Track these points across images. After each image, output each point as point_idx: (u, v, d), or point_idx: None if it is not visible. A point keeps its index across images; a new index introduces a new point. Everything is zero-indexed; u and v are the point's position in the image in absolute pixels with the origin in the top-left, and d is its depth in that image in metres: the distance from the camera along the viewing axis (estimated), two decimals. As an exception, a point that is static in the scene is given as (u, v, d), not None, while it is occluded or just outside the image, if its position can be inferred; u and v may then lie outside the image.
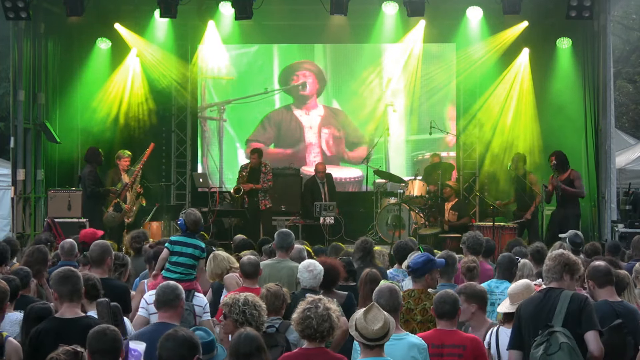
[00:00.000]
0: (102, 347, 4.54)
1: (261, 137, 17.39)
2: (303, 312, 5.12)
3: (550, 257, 5.64)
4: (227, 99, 17.44)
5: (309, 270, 7.02)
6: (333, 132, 17.44)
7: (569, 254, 5.63)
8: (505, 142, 16.27)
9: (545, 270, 5.61)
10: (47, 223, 13.36)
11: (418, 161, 17.13)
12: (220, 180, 17.38)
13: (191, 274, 7.68)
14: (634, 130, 24.43)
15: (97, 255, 7.23)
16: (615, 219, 13.93)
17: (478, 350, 5.74)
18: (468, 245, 8.65)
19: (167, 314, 5.73)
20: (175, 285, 5.88)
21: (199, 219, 7.86)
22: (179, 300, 5.74)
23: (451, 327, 5.79)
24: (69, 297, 5.48)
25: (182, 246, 7.75)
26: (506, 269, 7.61)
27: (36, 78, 15.25)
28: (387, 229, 15.01)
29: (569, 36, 15.82)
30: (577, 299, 5.40)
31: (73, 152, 15.97)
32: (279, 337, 5.95)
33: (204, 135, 17.50)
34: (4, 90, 21.33)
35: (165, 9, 14.40)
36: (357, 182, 16.96)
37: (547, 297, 5.49)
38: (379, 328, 4.87)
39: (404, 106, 17.22)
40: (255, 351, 4.91)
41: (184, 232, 7.84)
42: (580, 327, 5.33)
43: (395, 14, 15.81)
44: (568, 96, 15.64)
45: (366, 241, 8.73)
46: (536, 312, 5.48)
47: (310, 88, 17.45)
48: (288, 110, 17.54)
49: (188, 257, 7.70)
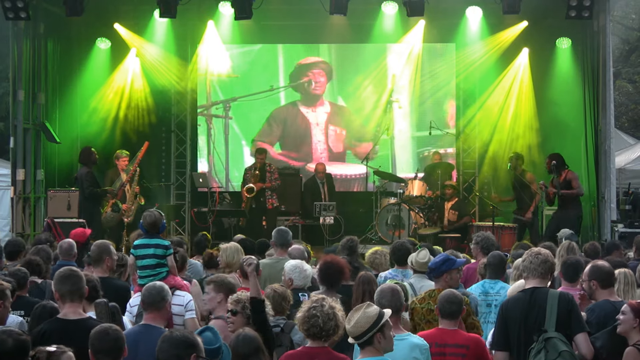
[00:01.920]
0: (105, 347, 4.52)
1: (267, 137, 17.37)
2: (308, 311, 5.08)
3: (532, 254, 5.64)
4: (232, 96, 17.43)
5: (298, 271, 7.03)
6: (339, 129, 17.44)
7: (548, 253, 5.66)
8: (505, 142, 16.28)
9: (528, 266, 5.59)
10: (46, 223, 13.36)
11: (424, 157, 17.10)
12: (226, 178, 17.38)
13: (159, 273, 7.57)
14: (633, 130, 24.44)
15: (95, 255, 7.24)
16: (615, 219, 13.92)
17: (481, 350, 5.75)
18: (482, 246, 8.58)
19: (151, 315, 5.67)
20: (161, 287, 5.79)
21: (157, 219, 7.76)
22: (164, 302, 5.66)
23: (454, 326, 5.81)
24: (70, 296, 5.44)
25: (143, 249, 7.65)
26: (498, 268, 7.58)
27: (36, 78, 15.25)
28: (387, 229, 15.02)
29: (569, 36, 15.83)
30: (565, 300, 5.41)
31: (73, 152, 15.95)
32: (283, 337, 5.95)
33: (209, 133, 17.49)
34: (3, 90, 21.34)
35: (164, 9, 14.40)
36: (363, 180, 16.91)
37: (533, 298, 5.48)
38: (350, 326, 4.86)
39: (408, 103, 17.22)
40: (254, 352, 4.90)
41: (146, 234, 7.76)
42: (569, 328, 5.34)
43: (394, 14, 15.81)
44: (568, 96, 15.65)
45: (351, 239, 8.67)
46: (524, 314, 5.47)
47: (322, 87, 17.43)
48: (294, 106, 17.52)
49: (150, 258, 7.61)
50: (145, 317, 5.74)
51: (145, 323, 5.68)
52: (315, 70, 17.40)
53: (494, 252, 7.87)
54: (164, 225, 7.95)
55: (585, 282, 6.06)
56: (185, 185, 17.44)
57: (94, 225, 12.93)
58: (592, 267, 6.10)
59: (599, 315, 5.88)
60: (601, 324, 5.78)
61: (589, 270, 6.07)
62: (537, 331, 5.32)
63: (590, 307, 6.01)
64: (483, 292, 7.39)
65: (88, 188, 13.68)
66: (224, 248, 8.36)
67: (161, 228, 7.82)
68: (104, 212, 14.07)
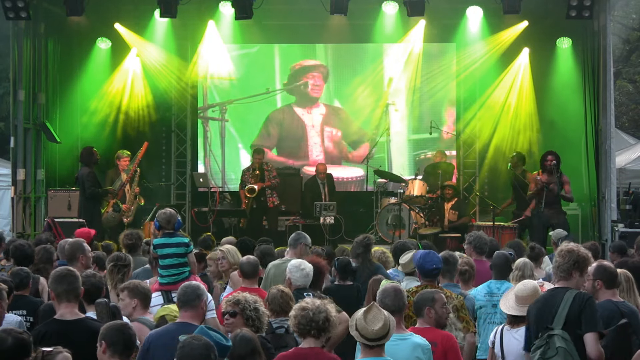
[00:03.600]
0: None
1: (265, 141, 17.31)
2: (299, 307, 5.17)
3: (559, 254, 5.53)
4: (229, 99, 17.44)
5: (300, 269, 7.05)
6: (335, 131, 17.43)
7: (579, 249, 5.53)
8: (505, 142, 16.28)
9: (555, 267, 5.53)
10: (47, 223, 13.35)
11: (420, 160, 17.11)
12: (223, 180, 17.38)
13: (182, 272, 7.61)
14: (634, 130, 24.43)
15: (69, 254, 7.41)
16: (615, 218, 13.91)
17: (449, 347, 5.76)
18: (474, 245, 8.62)
19: (187, 313, 5.63)
20: (197, 285, 5.78)
21: (171, 216, 7.79)
22: (199, 300, 5.63)
23: (426, 324, 5.85)
24: (66, 296, 5.44)
25: (164, 248, 7.69)
26: (503, 268, 7.58)
27: (36, 78, 15.25)
28: (387, 229, 15.02)
29: (569, 36, 15.83)
30: (579, 299, 5.35)
31: (73, 152, 15.96)
32: (288, 338, 5.94)
33: (205, 136, 17.49)
34: (4, 90, 21.34)
35: (165, 8, 14.41)
36: (359, 182, 16.95)
37: (552, 297, 5.46)
38: (379, 328, 4.86)
39: (405, 105, 17.22)
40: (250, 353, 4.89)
41: (164, 233, 7.78)
42: (580, 328, 5.31)
43: (395, 13, 15.80)
44: (568, 96, 15.65)
45: (367, 237, 8.70)
46: (540, 313, 5.45)
47: (320, 90, 17.41)
48: (289, 109, 17.53)
49: (172, 258, 7.65)
50: (181, 315, 5.70)
51: (182, 321, 5.62)
52: (315, 73, 17.39)
53: (498, 252, 7.85)
54: (180, 222, 7.97)
55: (588, 282, 6.02)
56: (186, 185, 17.43)
57: (94, 226, 12.90)
58: (598, 267, 6.05)
59: (602, 314, 5.86)
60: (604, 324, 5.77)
61: (595, 269, 6.00)
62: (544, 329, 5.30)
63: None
64: (489, 292, 7.38)
65: (90, 188, 13.65)
66: (226, 250, 8.39)
67: (177, 225, 7.83)
68: (105, 212, 14.07)
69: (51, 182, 15.25)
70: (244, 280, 7.45)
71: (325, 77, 17.41)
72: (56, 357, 4.26)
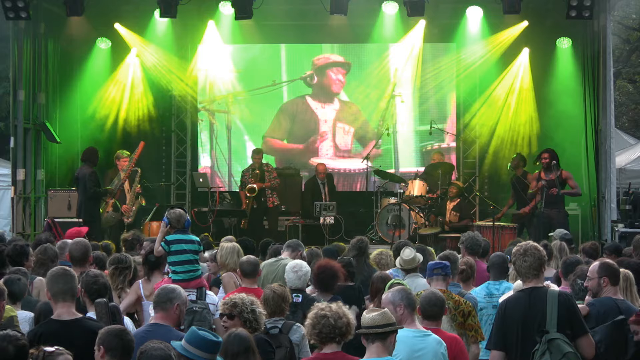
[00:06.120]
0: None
1: (277, 132, 17.39)
2: (316, 315, 4.99)
3: (525, 254, 5.55)
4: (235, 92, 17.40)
5: (294, 271, 7.04)
6: (347, 126, 17.42)
7: (540, 248, 5.61)
8: (505, 142, 16.28)
9: (525, 267, 5.51)
10: (47, 223, 13.36)
11: (427, 151, 17.07)
12: (229, 173, 17.37)
13: (197, 269, 7.59)
14: (633, 130, 24.45)
15: (81, 255, 7.38)
16: (615, 218, 13.93)
17: (458, 349, 5.79)
18: (467, 246, 8.67)
19: (158, 314, 5.65)
20: (172, 289, 5.76)
21: (181, 215, 7.76)
22: (171, 304, 5.61)
23: (436, 326, 5.84)
24: (62, 296, 5.41)
25: (180, 244, 7.63)
26: (501, 269, 7.59)
27: (36, 78, 15.26)
28: (387, 229, 15.01)
29: (569, 36, 15.83)
30: (564, 300, 5.40)
31: (73, 152, 15.97)
32: (282, 337, 5.94)
33: (212, 129, 17.48)
34: (4, 90, 21.32)
35: (165, 8, 14.41)
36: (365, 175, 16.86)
37: (532, 298, 5.46)
38: (376, 314, 4.86)
39: (411, 97, 17.19)
40: (244, 351, 4.88)
41: (177, 230, 7.79)
42: (571, 328, 5.34)
43: (395, 13, 15.81)
44: (568, 96, 15.65)
45: (362, 240, 8.73)
46: (525, 315, 5.44)
47: (341, 85, 17.39)
48: (303, 101, 17.51)
49: (188, 254, 7.61)
50: (154, 316, 5.72)
51: (154, 322, 5.65)
52: (340, 69, 17.36)
53: (496, 252, 7.89)
54: (189, 221, 7.97)
55: (593, 279, 6.03)
56: (186, 185, 17.43)
57: (94, 225, 12.92)
58: (603, 264, 6.09)
59: (599, 310, 5.91)
60: (600, 319, 5.82)
61: (600, 267, 6.04)
62: (539, 332, 5.29)
63: (591, 302, 6.04)
64: (488, 293, 7.39)
65: (92, 188, 13.61)
66: (220, 247, 8.34)
67: (187, 223, 7.84)
68: (105, 212, 14.06)
69: (51, 182, 15.26)
70: (244, 280, 7.44)
71: (347, 74, 17.41)
72: (57, 358, 4.26)
